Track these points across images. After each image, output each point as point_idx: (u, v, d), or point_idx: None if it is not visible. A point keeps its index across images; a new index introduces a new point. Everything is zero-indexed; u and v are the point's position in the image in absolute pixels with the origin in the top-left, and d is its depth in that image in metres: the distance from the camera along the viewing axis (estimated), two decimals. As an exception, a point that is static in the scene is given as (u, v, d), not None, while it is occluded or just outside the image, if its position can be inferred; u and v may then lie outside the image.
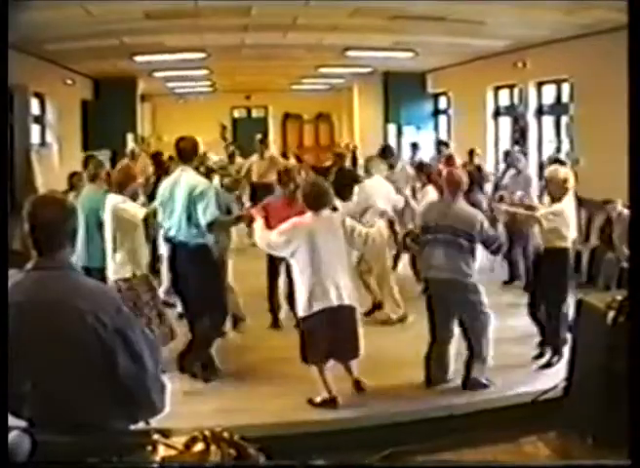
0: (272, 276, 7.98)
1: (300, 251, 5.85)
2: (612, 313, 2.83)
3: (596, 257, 9.49)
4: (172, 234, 6.59)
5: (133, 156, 13.24)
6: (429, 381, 6.25)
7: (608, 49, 8.94)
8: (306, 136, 26.36)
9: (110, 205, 6.32)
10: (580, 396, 3.01)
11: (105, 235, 6.40)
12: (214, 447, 2.23)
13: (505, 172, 11.39)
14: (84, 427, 2.63)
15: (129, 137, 18.21)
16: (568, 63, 11.45)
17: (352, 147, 19.45)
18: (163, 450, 2.25)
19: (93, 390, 2.73)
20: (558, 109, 12.92)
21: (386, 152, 10.88)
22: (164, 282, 8.10)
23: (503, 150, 13.34)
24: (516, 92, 14.22)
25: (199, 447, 2.24)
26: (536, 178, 10.87)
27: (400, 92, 19.13)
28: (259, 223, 6.26)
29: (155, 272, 7.90)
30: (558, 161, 11.57)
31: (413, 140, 16.51)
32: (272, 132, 26.11)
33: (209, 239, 6.56)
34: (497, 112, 15.62)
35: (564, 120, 12.62)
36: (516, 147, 13.55)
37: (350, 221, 6.13)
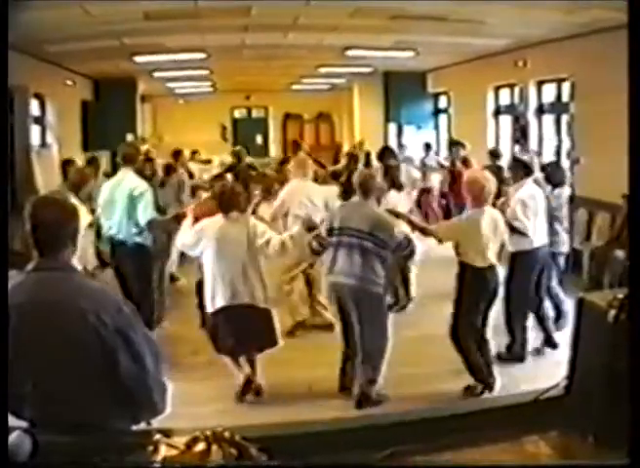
0: None
1: (208, 251, 6.04)
2: (613, 311, 2.83)
3: (599, 257, 9.42)
4: (112, 233, 6.97)
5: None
6: (342, 388, 6.19)
7: (608, 48, 8.94)
8: (307, 136, 26.36)
9: None
10: (582, 394, 3.01)
11: None
12: (215, 446, 2.23)
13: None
14: (85, 427, 2.64)
15: (129, 138, 18.21)
16: (568, 62, 11.44)
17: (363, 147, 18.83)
18: (164, 450, 2.25)
19: (94, 390, 2.73)
20: (558, 108, 12.91)
21: (386, 155, 10.57)
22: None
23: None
24: (517, 91, 14.22)
25: (200, 446, 2.24)
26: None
27: (400, 91, 19.12)
28: (185, 223, 6.41)
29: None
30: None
31: (426, 141, 16.46)
32: (273, 132, 26.13)
33: (147, 238, 6.90)
34: (497, 111, 15.62)
35: (564, 119, 12.61)
36: (517, 146, 13.55)
37: (261, 226, 6.14)
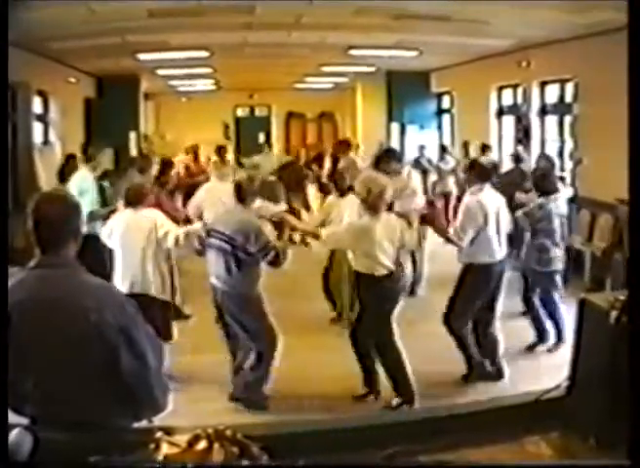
0: None
1: (115, 242, 6.43)
2: (615, 313, 2.82)
3: (601, 258, 9.40)
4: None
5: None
6: None
7: (612, 49, 8.92)
8: (310, 135, 26.38)
9: None
10: (583, 396, 3.01)
11: None
12: (217, 445, 2.23)
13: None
14: (86, 425, 2.63)
15: (132, 136, 18.23)
16: (572, 63, 11.44)
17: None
18: (166, 448, 2.25)
19: (95, 388, 2.73)
20: (562, 109, 12.91)
21: (389, 157, 9.05)
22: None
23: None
24: (520, 91, 14.22)
25: (202, 445, 2.23)
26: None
27: (404, 91, 19.11)
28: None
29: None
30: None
31: (420, 142, 16.31)
32: (275, 130, 26.14)
33: (96, 229, 7.22)
34: (500, 111, 15.62)
35: (567, 120, 12.61)
36: (520, 147, 13.54)
37: (160, 220, 6.39)
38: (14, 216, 3.63)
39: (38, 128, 13.66)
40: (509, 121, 15.18)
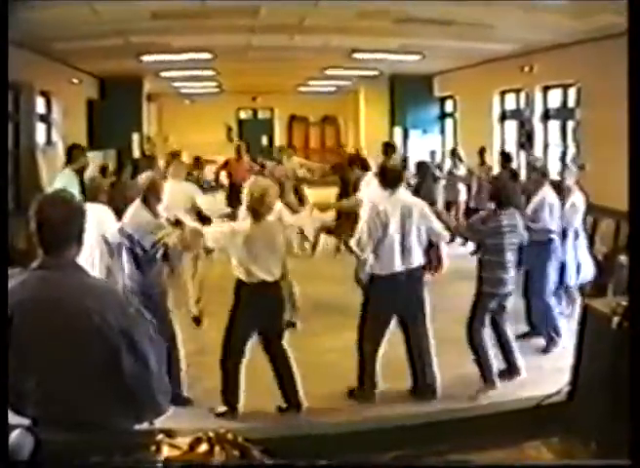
0: None
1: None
2: (617, 318, 2.82)
3: (604, 263, 9.36)
4: None
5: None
6: None
7: (614, 54, 8.91)
8: (312, 139, 26.40)
9: None
10: (585, 401, 3.01)
11: None
12: (218, 447, 2.23)
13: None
14: (87, 426, 2.63)
15: (134, 137, 18.25)
16: (574, 68, 11.45)
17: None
18: (167, 451, 2.25)
19: (96, 389, 2.72)
20: (564, 114, 12.92)
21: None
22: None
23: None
24: (522, 96, 14.22)
25: (203, 447, 2.24)
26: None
27: (406, 95, 19.15)
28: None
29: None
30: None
31: (453, 147, 15.82)
32: (278, 133, 26.15)
33: None
34: (503, 116, 15.63)
35: (570, 124, 12.62)
36: (522, 151, 13.55)
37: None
38: (16, 217, 3.63)
39: (41, 128, 13.68)
40: (512, 126, 15.20)
